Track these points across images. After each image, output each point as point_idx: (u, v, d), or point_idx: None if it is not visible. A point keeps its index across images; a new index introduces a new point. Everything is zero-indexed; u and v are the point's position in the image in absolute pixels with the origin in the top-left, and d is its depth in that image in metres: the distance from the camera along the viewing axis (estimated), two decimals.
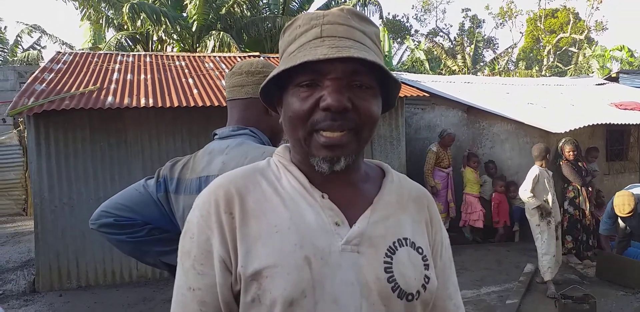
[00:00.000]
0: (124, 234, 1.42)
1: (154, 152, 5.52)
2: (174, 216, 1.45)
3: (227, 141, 1.43)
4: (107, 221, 1.42)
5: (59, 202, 5.17)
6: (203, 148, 1.49)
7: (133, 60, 7.28)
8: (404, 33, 29.05)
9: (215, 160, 1.39)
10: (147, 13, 10.12)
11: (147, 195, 1.45)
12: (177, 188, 1.42)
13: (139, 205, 1.44)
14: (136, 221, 1.43)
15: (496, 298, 4.70)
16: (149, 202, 1.45)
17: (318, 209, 0.83)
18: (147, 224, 1.44)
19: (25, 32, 15.86)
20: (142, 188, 1.47)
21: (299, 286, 0.77)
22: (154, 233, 1.44)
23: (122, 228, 1.42)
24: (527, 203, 4.87)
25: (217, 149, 1.43)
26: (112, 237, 1.44)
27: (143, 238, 1.43)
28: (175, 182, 1.44)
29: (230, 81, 1.49)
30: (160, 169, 1.50)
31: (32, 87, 5.35)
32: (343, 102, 0.77)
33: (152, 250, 1.44)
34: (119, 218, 1.42)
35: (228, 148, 1.40)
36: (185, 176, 1.43)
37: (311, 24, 0.82)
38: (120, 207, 1.44)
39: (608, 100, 8.23)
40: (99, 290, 5.18)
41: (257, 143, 1.43)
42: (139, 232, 1.42)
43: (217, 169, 1.33)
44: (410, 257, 0.85)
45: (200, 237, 0.82)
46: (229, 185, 0.85)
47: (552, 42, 25.20)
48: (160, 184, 1.46)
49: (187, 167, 1.45)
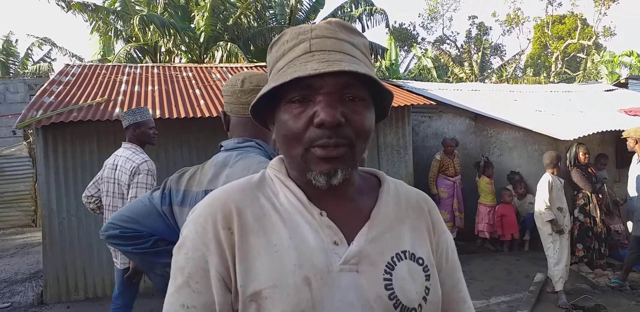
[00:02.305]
0: (129, 245, 1.44)
1: (162, 163, 5.52)
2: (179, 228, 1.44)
3: (232, 153, 1.44)
4: (113, 232, 1.45)
5: (66, 214, 5.19)
6: (210, 159, 1.50)
7: (141, 72, 7.35)
8: (410, 41, 29.06)
9: (222, 173, 1.40)
10: (157, 24, 10.21)
11: (152, 207, 1.46)
12: (182, 200, 1.42)
13: (144, 217, 1.46)
14: (141, 233, 1.45)
15: (506, 308, 4.64)
16: (154, 214, 1.46)
17: (317, 228, 0.82)
18: (153, 236, 1.45)
19: (35, 45, 16.05)
20: (147, 200, 1.48)
21: (298, 307, 0.76)
22: (159, 244, 1.45)
23: (128, 240, 1.44)
24: (541, 214, 4.80)
25: (221, 162, 1.43)
26: (120, 248, 1.47)
27: (148, 249, 1.44)
28: (181, 194, 1.44)
29: (240, 99, 1.50)
30: (167, 180, 1.51)
31: (40, 100, 5.41)
32: (336, 117, 0.77)
33: (159, 262, 1.45)
34: (125, 230, 1.44)
35: (232, 161, 1.41)
36: (192, 188, 1.43)
37: (299, 38, 0.82)
38: (126, 219, 1.46)
39: (617, 106, 8.16)
40: (107, 302, 5.15)
41: (263, 155, 1.44)
42: (144, 243, 1.44)
43: (222, 182, 1.33)
44: (410, 271, 0.84)
45: (195, 254, 0.80)
46: (226, 199, 0.84)
47: (559, 49, 25.11)
48: (165, 196, 1.46)
49: (193, 179, 1.46)
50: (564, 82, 19.46)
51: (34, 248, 7.86)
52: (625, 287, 5.17)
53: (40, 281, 5.78)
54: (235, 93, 1.51)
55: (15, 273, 6.44)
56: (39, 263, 6.58)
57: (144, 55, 12.54)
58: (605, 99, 9.22)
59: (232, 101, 1.52)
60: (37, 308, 5.01)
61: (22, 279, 6.17)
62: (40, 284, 5.64)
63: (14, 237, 9.03)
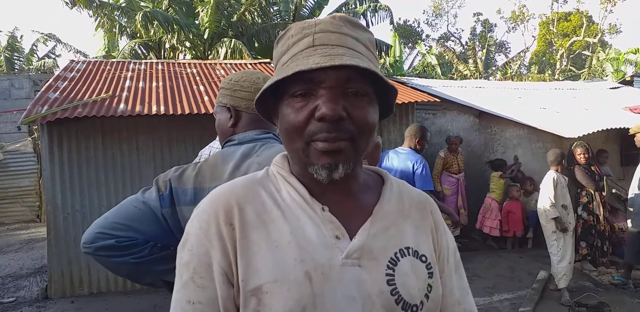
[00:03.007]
0: (127, 255, 1.32)
1: (165, 159, 5.55)
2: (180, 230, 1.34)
3: (251, 145, 1.40)
4: (106, 243, 1.31)
5: (71, 209, 5.22)
6: (213, 155, 1.44)
7: (145, 68, 7.36)
8: (415, 38, 28.96)
9: (243, 164, 1.35)
10: (160, 21, 10.22)
11: (147, 210, 1.34)
12: (195, 199, 1.32)
13: (138, 222, 1.33)
14: (138, 240, 1.33)
15: (509, 306, 4.64)
16: (149, 218, 1.34)
17: (318, 222, 0.82)
18: (148, 242, 1.35)
19: (40, 41, 16.07)
20: (140, 204, 1.35)
21: (299, 301, 0.76)
22: (155, 251, 1.36)
23: (124, 249, 1.32)
24: (546, 211, 4.79)
25: (240, 153, 1.38)
26: (114, 260, 1.33)
27: (145, 258, 1.34)
28: (190, 192, 1.35)
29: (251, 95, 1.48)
30: (159, 180, 1.40)
31: (45, 95, 5.43)
32: (338, 111, 0.77)
33: (154, 269, 1.36)
34: (120, 239, 1.31)
35: (258, 150, 1.36)
36: (205, 185, 1.34)
37: (303, 33, 0.82)
38: (119, 227, 1.32)
39: (622, 104, 8.13)
40: (111, 297, 5.21)
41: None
42: (142, 251, 1.33)
43: (252, 170, 1.26)
44: (413, 267, 0.84)
45: (200, 250, 0.81)
46: (228, 195, 0.84)
47: (565, 46, 25.00)
48: (163, 197, 1.35)
49: (201, 175, 1.37)
50: (568, 79, 19.36)
51: (38, 243, 7.90)
52: (629, 285, 5.15)
53: (44, 276, 5.82)
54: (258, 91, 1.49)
55: (20, 268, 6.48)
56: (43, 258, 6.61)
57: (148, 51, 12.56)
58: (610, 96, 9.19)
59: (251, 97, 1.48)
60: (42, 303, 5.04)
61: (26, 274, 6.21)
62: (45, 279, 5.68)
63: (18, 232, 9.09)
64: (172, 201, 1.35)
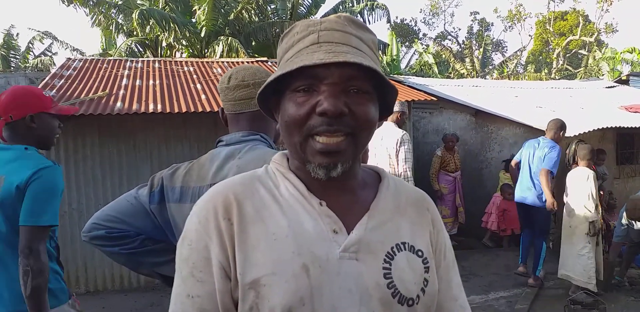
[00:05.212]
0: (116, 246, 1.40)
1: (163, 157, 5.55)
2: (169, 226, 1.41)
3: (237, 146, 1.41)
4: (98, 233, 1.40)
5: (68, 208, 5.21)
6: (205, 155, 1.46)
7: (142, 66, 7.34)
8: (412, 37, 28.98)
9: (226, 165, 1.37)
10: (156, 19, 10.21)
11: (139, 205, 1.42)
12: (181, 197, 1.38)
13: (130, 216, 1.41)
14: (128, 232, 1.41)
15: (505, 304, 4.66)
16: (141, 213, 1.42)
17: (316, 217, 0.83)
18: (139, 235, 1.42)
19: (36, 39, 16.01)
20: (133, 199, 1.44)
21: (297, 294, 0.77)
22: (147, 244, 1.42)
23: (114, 240, 1.40)
24: (585, 212, 4.60)
25: (227, 155, 1.40)
26: (105, 249, 1.42)
27: (136, 249, 1.40)
28: (178, 191, 1.40)
29: (236, 94, 1.45)
30: (154, 178, 1.46)
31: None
32: (339, 107, 0.78)
33: (146, 261, 1.43)
34: (111, 230, 1.40)
35: (240, 153, 1.38)
36: (190, 184, 1.39)
37: (308, 30, 0.83)
38: (112, 219, 1.41)
39: (618, 103, 8.16)
40: (108, 295, 5.21)
41: (268, 148, 1.42)
42: (131, 243, 1.40)
43: (232, 173, 1.30)
44: (409, 262, 0.85)
45: (199, 244, 0.82)
46: (227, 191, 0.85)
47: (561, 45, 25.06)
48: (154, 194, 1.42)
49: (190, 175, 1.42)
50: (565, 78, 19.40)
51: None
52: (624, 283, 5.18)
53: None
54: (223, 91, 1.48)
55: None
56: None
57: (145, 49, 12.53)
58: (606, 95, 9.22)
59: (222, 98, 1.50)
60: None
61: None
62: None
63: None
64: (162, 198, 1.41)
